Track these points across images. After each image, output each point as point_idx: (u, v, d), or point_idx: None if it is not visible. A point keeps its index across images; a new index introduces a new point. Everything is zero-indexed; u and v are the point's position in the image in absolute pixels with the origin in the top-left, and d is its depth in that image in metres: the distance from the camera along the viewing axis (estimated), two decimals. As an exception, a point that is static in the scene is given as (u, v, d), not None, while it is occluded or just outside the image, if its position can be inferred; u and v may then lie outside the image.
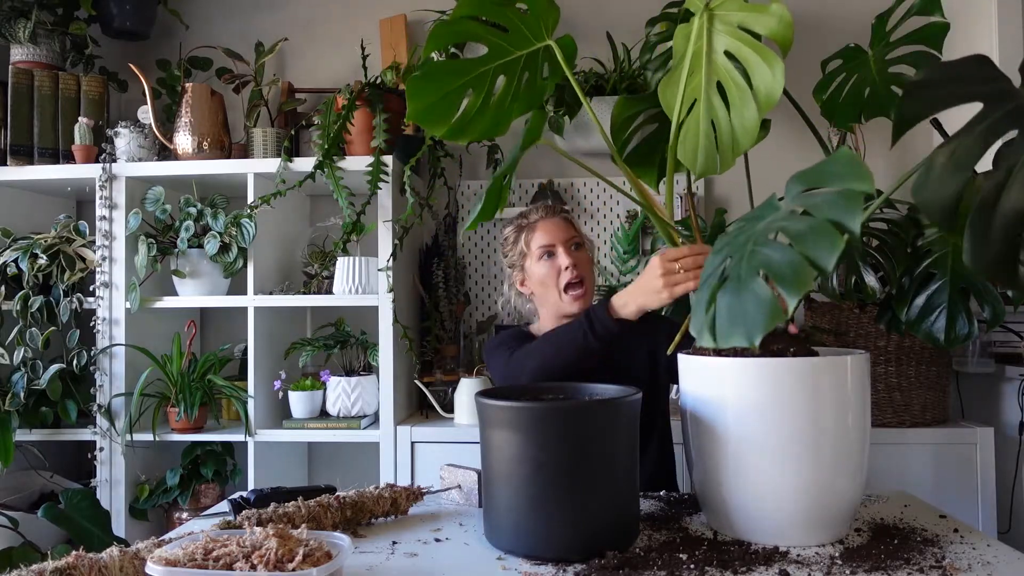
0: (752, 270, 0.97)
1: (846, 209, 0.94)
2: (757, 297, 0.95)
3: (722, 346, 0.97)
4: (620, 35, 2.35)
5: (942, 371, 2.05)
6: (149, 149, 2.33)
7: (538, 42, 1.44)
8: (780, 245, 0.97)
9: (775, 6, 1.23)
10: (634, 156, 1.60)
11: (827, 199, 0.98)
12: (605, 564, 1.03)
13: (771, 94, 1.24)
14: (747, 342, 0.94)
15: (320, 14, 2.68)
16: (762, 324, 0.93)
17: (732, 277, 1.00)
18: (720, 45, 1.29)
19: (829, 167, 1.05)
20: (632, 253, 2.46)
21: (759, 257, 0.97)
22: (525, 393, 1.25)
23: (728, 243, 1.09)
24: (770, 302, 0.93)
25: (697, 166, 1.36)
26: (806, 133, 2.06)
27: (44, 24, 2.38)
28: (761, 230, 1.03)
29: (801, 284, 0.90)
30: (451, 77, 1.41)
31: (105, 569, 0.92)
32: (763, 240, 1.00)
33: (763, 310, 0.93)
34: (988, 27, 2.08)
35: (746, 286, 0.96)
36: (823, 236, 0.92)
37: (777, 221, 1.02)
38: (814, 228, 0.94)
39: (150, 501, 2.25)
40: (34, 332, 2.19)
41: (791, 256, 0.93)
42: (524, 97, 1.49)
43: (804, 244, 0.93)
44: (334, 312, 2.43)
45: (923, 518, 1.27)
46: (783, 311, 0.92)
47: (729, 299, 0.98)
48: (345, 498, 1.25)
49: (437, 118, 1.43)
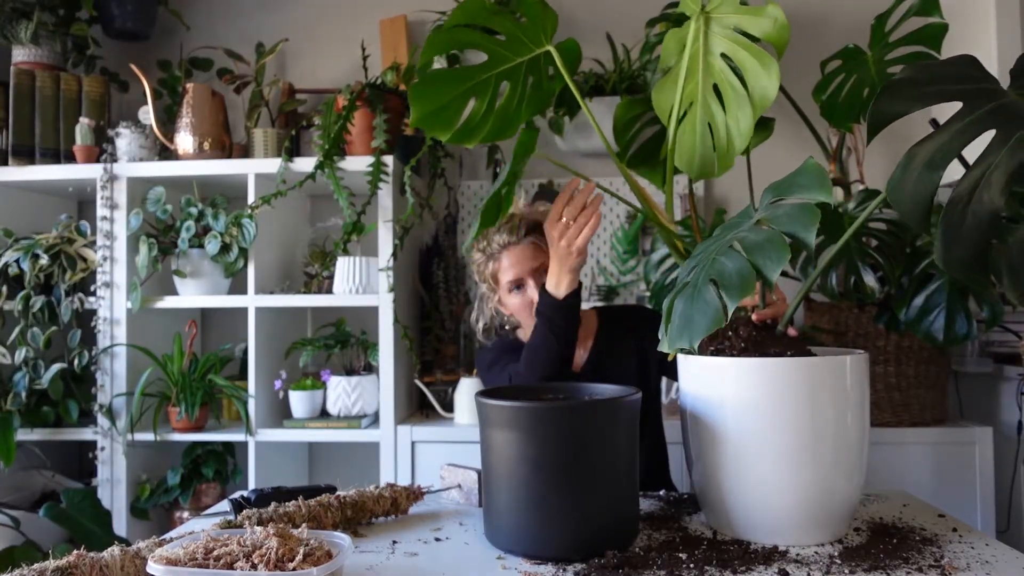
0: (707, 278, 1.04)
1: (801, 223, 1.01)
2: (705, 304, 1.02)
3: (671, 349, 1.06)
4: (620, 35, 2.35)
5: (941, 371, 2.06)
6: (150, 149, 2.34)
7: (537, 48, 1.43)
8: (736, 254, 1.03)
9: (771, 8, 1.23)
10: (637, 157, 1.59)
11: (787, 212, 1.04)
12: (605, 564, 1.04)
13: (766, 96, 1.24)
14: (689, 346, 1.02)
15: (320, 14, 2.68)
16: (703, 329, 1.00)
17: (691, 284, 1.07)
18: (717, 48, 1.29)
19: (796, 178, 1.10)
20: (632, 253, 2.46)
21: (716, 266, 1.04)
22: (525, 393, 1.25)
23: (702, 251, 1.13)
24: (715, 309, 1.00)
25: (694, 169, 1.36)
26: (806, 133, 2.06)
27: (45, 25, 2.38)
28: (727, 240, 1.09)
29: (743, 290, 0.98)
30: (453, 84, 1.39)
31: (106, 568, 0.93)
32: (724, 249, 1.06)
33: (707, 316, 1.01)
34: (987, 28, 2.08)
35: (699, 293, 1.03)
36: (774, 247, 0.99)
37: (741, 231, 1.08)
38: (768, 240, 1.01)
39: (151, 500, 2.25)
40: (35, 332, 2.20)
41: (740, 265, 1.01)
42: (532, 100, 1.48)
43: (755, 254, 1.00)
44: (334, 312, 2.44)
45: (922, 517, 1.27)
46: (724, 317, 0.99)
47: (683, 306, 1.06)
48: (345, 498, 1.25)
49: (442, 124, 1.42)
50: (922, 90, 0.98)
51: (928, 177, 0.92)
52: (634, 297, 2.46)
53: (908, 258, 1.72)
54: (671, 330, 1.06)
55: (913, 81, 0.98)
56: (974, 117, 0.93)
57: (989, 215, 0.89)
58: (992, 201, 0.88)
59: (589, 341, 1.72)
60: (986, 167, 0.90)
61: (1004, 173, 0.88)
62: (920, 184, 0.92)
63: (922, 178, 0.92)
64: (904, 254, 1.70)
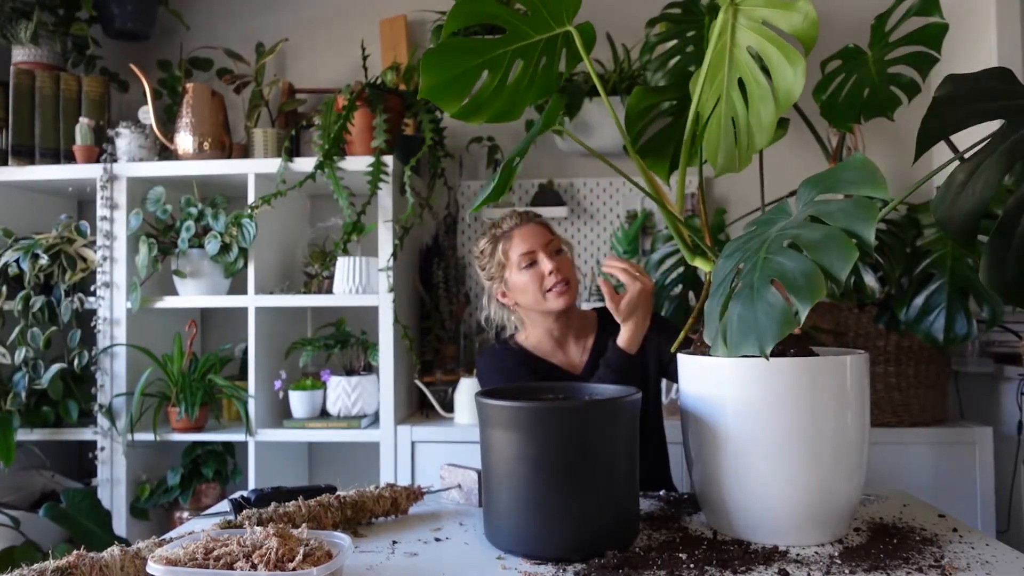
0: (765, 279, 0.97)
1: (861, 218, 0.95)
2: (769, 306, 0.95)
3: (734, 355, 0.98)
4: (620, 36, 2.35)
5: (941, 371, 2.06)
6: (150, 149, 2.34)
7: (558, 27, 1.42)
8: (794, 253, 0.97)
9: (801, 3, 1.20)
10: (647, 148, 1.59)
11: (842, 208, 0.98)
12: (605, 564, 1.04)
13: (791, 92, 1.22)
14: (758, 352, 0.94)
15: (320, 14, 2.68)
16: (774, 334, 0.93)
17: (744, 285, 1.00)
18: (744, 41, 1.27)
19: (843, 173, 1.05)
20: (632, 253, 2.46)
21: (772, 265, 0.97)
22: (525, 393, 1.25)
23: (739, 248, 1.09)
24: (782, 311, 0.93)
25: (718, 163, 1.36)
26: (806, 133, 2.06)
27: (45, 25, 2.38)
28: (775, 237, 1.03)
29: (815, 293, 0.91)
30: (468, 56, 1.39)
31: (106, 568, 0.93)
32: (777, 248, 1.00)
33: (775, 320, 0.94)
34: (987, 28, 2.08)
35: (759, 295, 0.96)
36: (838, 246, 0.92)
37: (791, 228, 1.02)
38: (829, 237, 0.94)
39: (151, 500, 2.25)
40: (35, 332, 2.20)
41: (805, 265, 0.93)
42: (540, 83, 1.48)
43: (818, 253, 0.93)
44: (334, 312, 2.44)
45: (922, 517, 1.27)
46: (795, 320, 0.92)
47: (741, 308, 0.99)
48: (345, 498, 1.25)
49: (451, 96, 1.41)
50: (966, 109, 0.96)
51: (972, 197, 0.90)
52: (634, 297, 2.46)
53: (908, 258, 1.72)
54: (730, 334, 0.99)
55: (956, 99, 0.96)
56: (1019, 136, 0.91)
57: None
58: None
59: (589, 341, 1.72)
60: None
61: None
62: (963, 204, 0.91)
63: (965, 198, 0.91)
64: (904, 254, 1.70)
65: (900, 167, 2.35)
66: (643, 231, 2.47)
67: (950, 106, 0.96)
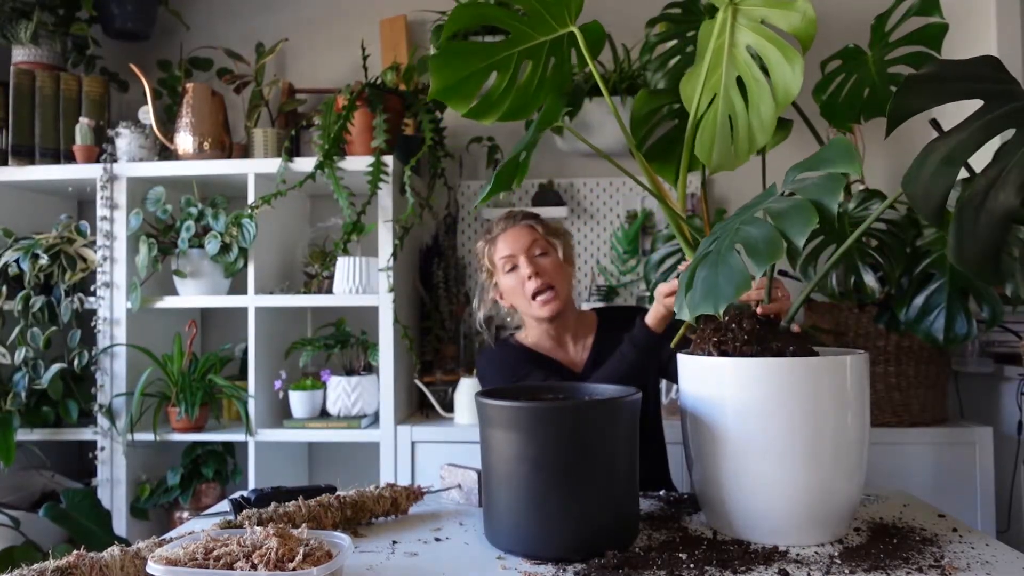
0: (731, 246, 1.03)
1: (828, 190, 1.00)
2: (729, 269, 1.00)
3: (693, 315, 1.04)
4: (620, 36, 2.35)
5: (941, 371, 2.06)
6: (150, 149, 2.34)
7: (561, 28, 1.42)
8: (761, 222, 1.02)
9: (800, 2, 1.22)
10: (652, 151, 1.59)
11: (813, 182, 1.04)
12: (605, 564, 1.04)
13: (789, 90, 1.23)
14: (713, 311, 1.00)
15: (320, 14, 2.68)
16: (729, 294, 0.99)
17: (713, 252, 1.06)
18: (742, 40, 1.28)
19: (824, 153, 1.10)
20: (632, 253, 2.46)
21: (741, 234, 1.03)
22: (525, 393, 1.25)
23: (722, 226, 1.12)
24: (740, 273, 0.99)
25: (712, 161, 1.36)
26: (806, 134, 2.06)
27: (45, 25, 2.38)
28: (751, 212, 1.08)
29: (771, 255, 0.97)
30: (475, 58, 1.39)
31: (106, 568, 0.93)
32: (749, 219, 1.05)
33: (731, 281, 0.99)
34: (987, 28, 2.08)
35: (723, 260, 1.02)
36: (799, 213, 0.98)
37: (766, 203, 1.08)
38: (794, 206, 1.00)
39: (151, 500, 2.25)
40: (35, 332, 2.20)
41: (766, 231, 1.00)
42: (551, 82, 1.48)
43: (781, 220, 0.99)
44: (334, 312, 2.44)
45: (922, 517, 1.27)
46: (750, 280, 0.98)
47: (706, 272, 1.04)
48: (345, 498, 1.25)
49: (460, 97, 1.42)
50: (945, 86, 0.98)
51: (944, 173, 0.92)
52: (634, 297, 2.46)
53: (908, 258, 1.72)
54: (692, 296, 1.04)
55: (936, 77, 0.98)
56: (994, 116, 0.93)
57: (1003, 214, 0.88)
58: (1007, 201, 0.88)
59: (589, 341, 1.72)
60: (1003, 166, 0.90)
61: (1021, 174, 0.88)
62: (936, 180, 0.92)
63: (938, 174, 0.92)
64: (904, 254, 1.70)
65: (900, 167, 2.35)
66: (643, 231, 2.47)
67: (925, 83, 0.97)
